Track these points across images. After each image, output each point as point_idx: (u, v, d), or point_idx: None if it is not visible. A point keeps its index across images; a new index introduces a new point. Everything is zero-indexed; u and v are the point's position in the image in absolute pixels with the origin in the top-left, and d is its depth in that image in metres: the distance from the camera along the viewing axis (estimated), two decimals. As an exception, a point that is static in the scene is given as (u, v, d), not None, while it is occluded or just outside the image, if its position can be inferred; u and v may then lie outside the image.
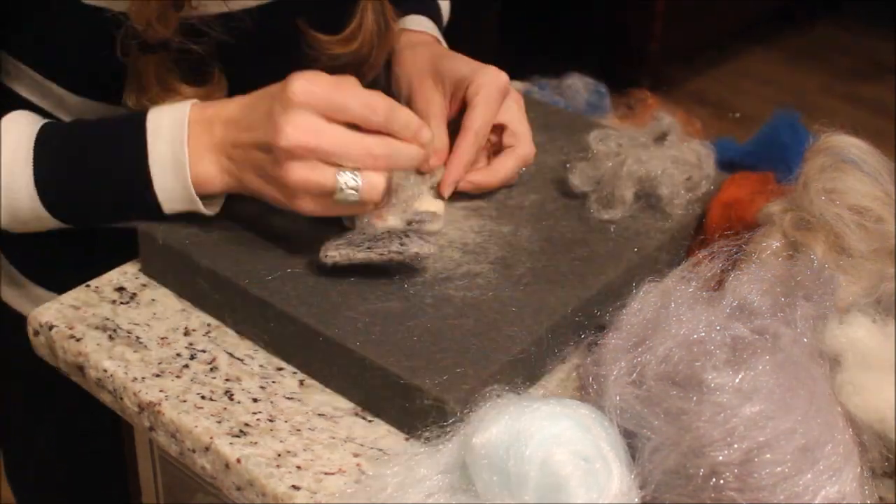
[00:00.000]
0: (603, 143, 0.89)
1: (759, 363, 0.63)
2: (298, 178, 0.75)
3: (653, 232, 0.86)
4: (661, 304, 0.72)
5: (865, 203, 0.78)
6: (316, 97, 0.74)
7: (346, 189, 0.74)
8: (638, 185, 0.88)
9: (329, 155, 0.74)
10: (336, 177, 0.74)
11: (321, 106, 0.74)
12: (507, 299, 0.77)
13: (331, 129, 0.74)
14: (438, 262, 0.80)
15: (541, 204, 0.89)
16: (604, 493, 0.60)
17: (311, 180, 0.75)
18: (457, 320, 0.75)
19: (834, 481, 0.60)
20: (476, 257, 0.81)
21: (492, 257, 0.82)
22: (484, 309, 0.76)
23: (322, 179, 0.74)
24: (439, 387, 0.69)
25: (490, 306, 0.76)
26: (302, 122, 0.74)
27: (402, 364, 0.70)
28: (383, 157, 0.75)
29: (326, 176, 0.74)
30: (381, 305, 0.76)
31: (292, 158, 0.74)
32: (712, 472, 0.60)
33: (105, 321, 0.80)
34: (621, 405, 0.65)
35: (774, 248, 0.78)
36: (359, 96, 0.75)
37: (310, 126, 0.74)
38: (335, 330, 0.73)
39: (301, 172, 0.74)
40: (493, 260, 0.81)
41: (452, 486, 0.64)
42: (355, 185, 0.74)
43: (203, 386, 0.74)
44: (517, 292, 0.78)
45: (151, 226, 0.82)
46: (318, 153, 0.74)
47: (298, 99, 0.74)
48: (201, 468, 0.71)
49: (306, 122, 0.74)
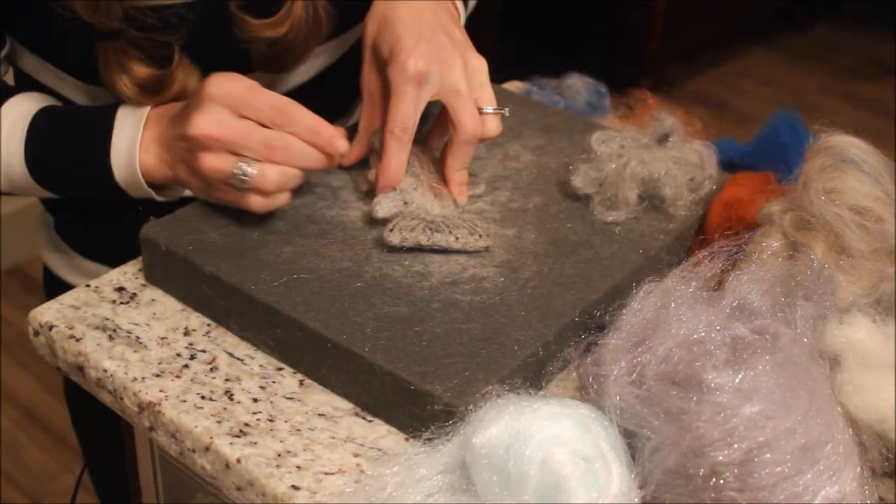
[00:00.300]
0: (605, 145, 0.89)
1: (759, 363, 0.63)
2: (207, 166, 0.81)
3: (657, 233, 0.86)
4: (662, 304, 0.71)
5: (865, 203, 0.78)
6: (227, 94, 0.81)
7: (240, 175, 0.80)
8: (641, 187, 0.87)
9: (230, 144, 0.80)
10: (233, 165, 0.80)
11: (232, 102, 0.81)
12: (515, 303, 0.77)
13: (236, 122, 0.80)
14: (444, 266, 0.80)
15: (544, 207, 0.88)
16: (604, 493, 0.60)
17: (218, 168, 0.81)
18: (465, 325, 0.74)
19: (834, 481, 0.60)
20: (482, 261, 0.81)
21: (497, 261, 0.81)
22: (491, 313, 0.76)
23: (223, 167, 0.80)
24: (450, 392, 0.68)
25: (497, 310, 0.76)
26: (210, 114, 0.80)
27: (412, 370, 0.70)
28: (280, 149, 0.80)
29: (226, 164, 0.80)
30: (389, 310, 0.75)
31: (202, 148, 0.81)
32: (712, 472, 0.60)
33: (105, 321, 0.80)
34: (621, 405, 0.65)
35: (774, 248, 0.78)
36: (267, 98, 0.81)
37: (217, 118, 0.80)
38: (343, 336, 0.73)
39: (209, 161, 0.81)
40: (499, 263, 0.81)
41: (452, 486, 0.64)
42: (250, 171, 0.80)
43: (203, 386, 0.74)
44: (524, 296, 0.77)
45: (154, 232, 0.82)
46: (222, 143, 0.80)
47: (211, 94, 0.81)
48: (201, 468, 0.71)
49: (215, 114, 0.80)
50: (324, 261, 0.80)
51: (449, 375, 0.69)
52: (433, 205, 0.85)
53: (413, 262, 0.80)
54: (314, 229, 0.83)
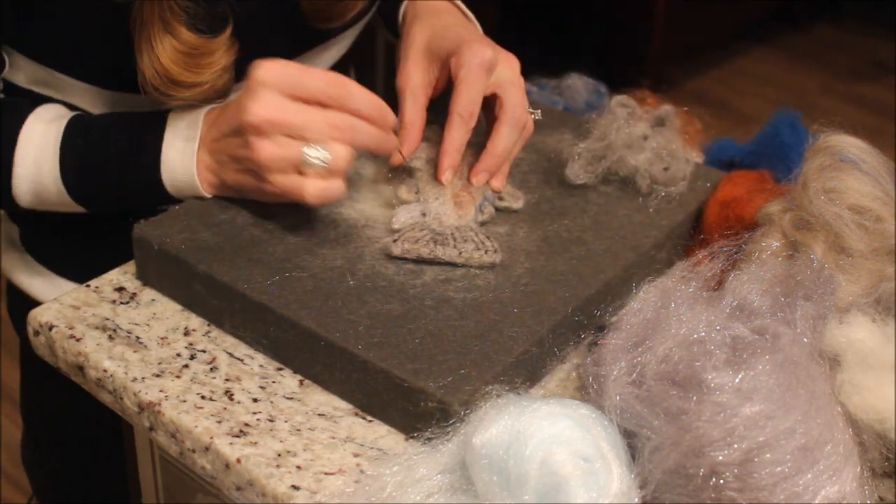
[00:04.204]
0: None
1: (758, 363, 0.63)
2: (266, 154, 0.78)
3: (648, 230, 0.86)
4: (661, 304, 0.72)
5: (865, 203, 0.78)
6: (278, 77, 0.78)
7: (312, 159, 0.78)
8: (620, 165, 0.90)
9: (293, 128, 0.78)
10: (302, 149, 0.78)
11: (284, 84, 0.78)
12: (507, 300, 0.77)
13: (293, 105, 0.78)
14: (436, 264, 0.80)
15: (536, 204, 0.89)
16: (604, 493, 0.60)
17: (279, 155, 0.78)
18: (458, 322, 0.75)
19: (834, 481, 0.60)
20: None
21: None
22: (484, 310, 0.76)
23: (288, 153, 0.78)
24: (443, 389, 0.68)
25: (490, 307, 0.76)
26: (265, 99, 0.78)
27: (405, 367, 0.70)
28: (345, 128, 0.79)
29: (292, 149, 0.78)
30: (382, 308, 0.76)
31: (259, 135, 0.78)
32: (712, 472, 0.60)
33: (105, 321, 0.80)
34: (621, 405, 0.65)
35: (774, 247, 0.78)
36: (320, 77, 0.79)
37: (273, 102, 0.78)
38: (336, 333, 0.73)
39: (268, 148, 0.78)
40: None
41: (452, 486, 0.64)
42: (321, 154, 0.78)
43: (203, 386, 0.74)
44: (517, 293, 0.78)
45: (146, 231, 0.82)
46: (282, 127, 0.78)
47: (262, 79, 0.79)
48: (201, 468, 0.72)
49: (270, 98, 0.78)
50: (316, 259, 0.80)
51: (442, 372, 0.70)
52: (451, 215, 0.83)
53: (406, 261, 0.81)
54: (307, 228, 0.83)
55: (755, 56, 3.59)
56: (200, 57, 0.84)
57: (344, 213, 0.86)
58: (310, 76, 0.79)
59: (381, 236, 0.83)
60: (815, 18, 3.79)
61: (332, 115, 0.79)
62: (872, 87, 3.36)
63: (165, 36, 0.82)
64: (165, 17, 0.82)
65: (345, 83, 0.79)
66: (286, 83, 0.78)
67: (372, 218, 0.85)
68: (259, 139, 0.78)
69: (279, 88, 0.78)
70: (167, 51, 0.82)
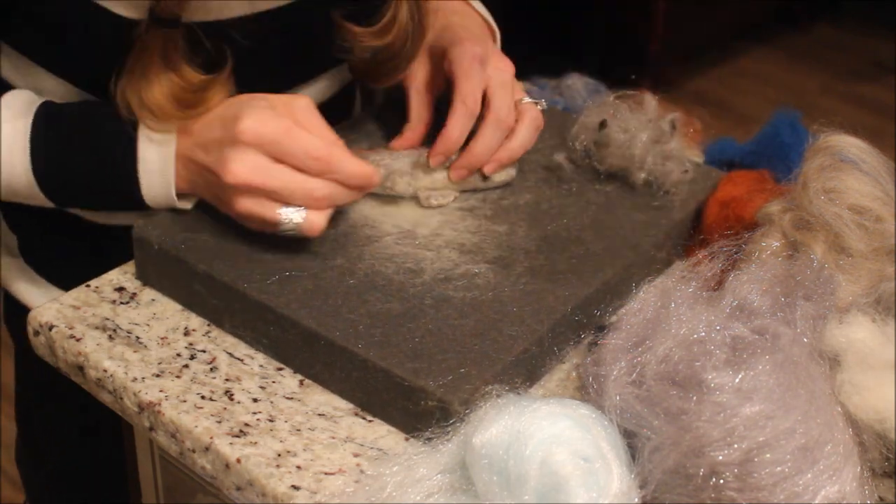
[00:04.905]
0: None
1: (758, 363, 0.63)
2: (243, 209, 0.79)
3: (648, 229, 0.86)
4: (661, 304, 0.72)
5: (865, 203, 0.78)
6: (262, 139, 0.78)
7: (286, 223, 0.78)
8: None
9: (272, 194, 0.78)
10: (278, 212, 0.78)
11: (268, 148, 0.78)
12: (507, 299, 0.77)
13: (275, 171, 0.78)
14: (436, 263, 0.80)
15: (535, 203, 0.89)
16: (604, 493, 0.60)
17: (256, 213, 0.79)
18: (457, 321, 0.75)
19: (834, 481, 0.60)
20: (473, 257, 0.81)
21: (489, 257, 0.82)
22: (484, 309, 0.76)
23: (266, 214, 0.78)
24: (443, 388, 0.68)
25: (490, 306, 0.76)
26: (248, 161, 0.77)
27: (405, 366, 0.70)
28: (324, 199, 0.79)
29: (269, 210, 0.78)
30: (382, 307, 0.76)
31: (238, 194, 0.78)
32: (712, 472, 0.60)
33: (105, 321, 0.80)
34: (621, 405, 0.65)
35: (774, 247, 0.78)
36: (303, 145, 0.78)
37: (255, 165, 0.77)
38: (336, 333, 0.73)
39: (246, 205, 0.79)
40: (491, 260, 0.81)
41: (452, 486, 0.64)
42: (297, 221, 0.78)
43: (203, 386, 0.74)
44: (516, 292, 0.78)
45: (146, 231, 0.82)
46: (262, 192, 0.78)
47: (246, 139, 0.78)
48: (201, 468, 0.71)
49: (252, 161, 0.78)
50: (316, 258, 0.80)
51: (442, 371, 0.70)
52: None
53: (405, 260, 0.81)
54: None
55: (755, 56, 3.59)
56: (196, 94, 0.82)
57: (344, 213, 0.86)
58: (295, 142, 0.78)
59: (380, 236, 0.83)
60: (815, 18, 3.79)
61: (312, 184, 0.78)
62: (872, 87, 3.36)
63: (166, 72, 0.80)
64: (168, 51, 0.80)
65: (328, 155, 0.78)
66: (270, 147, 0.78)
67: (371, 218, 0.86)
68: (239, 197, 0.79)
69: (263, 150, 0.78)
70: (163, 86, 0.80)
